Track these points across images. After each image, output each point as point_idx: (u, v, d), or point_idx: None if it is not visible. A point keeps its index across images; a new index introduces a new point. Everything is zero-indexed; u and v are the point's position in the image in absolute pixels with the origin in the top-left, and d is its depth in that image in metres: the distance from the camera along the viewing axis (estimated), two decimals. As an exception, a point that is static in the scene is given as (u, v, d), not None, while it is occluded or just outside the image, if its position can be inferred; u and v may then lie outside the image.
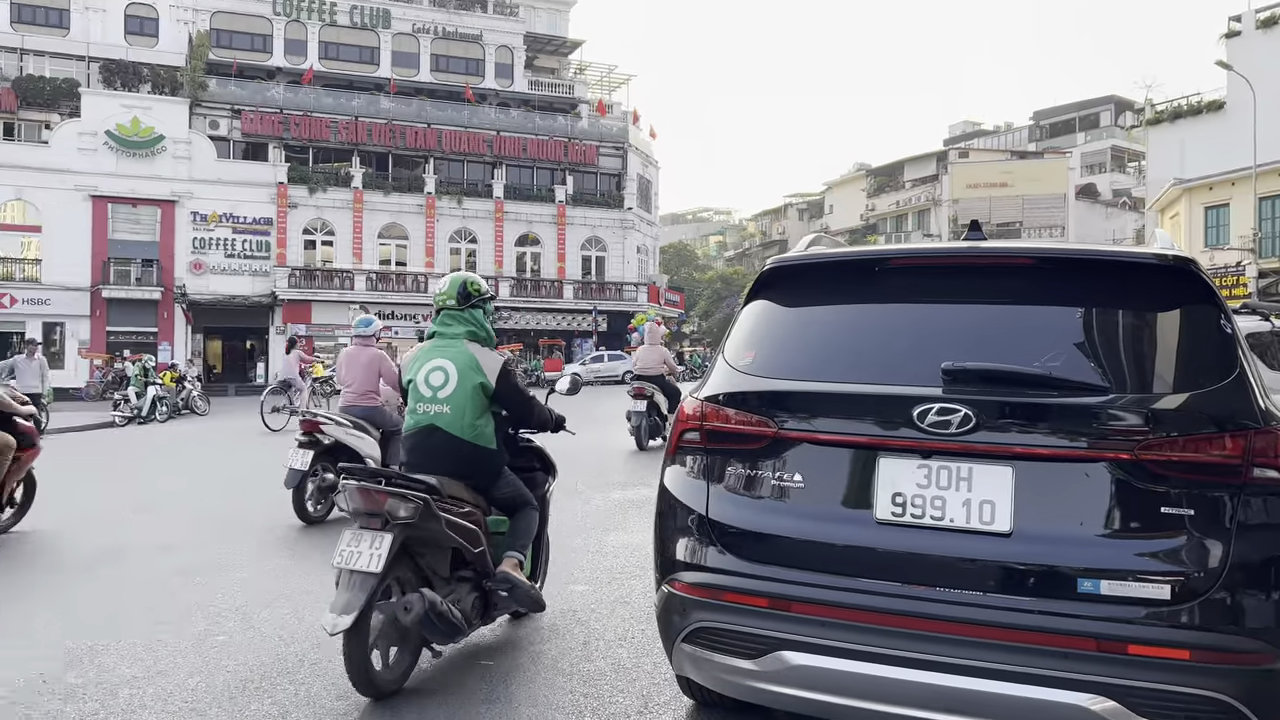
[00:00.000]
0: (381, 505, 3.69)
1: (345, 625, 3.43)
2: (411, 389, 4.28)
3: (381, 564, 3.54)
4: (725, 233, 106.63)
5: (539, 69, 55.67)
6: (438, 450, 4.13)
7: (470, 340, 4.31)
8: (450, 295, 4.35)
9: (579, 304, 47.08)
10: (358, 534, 3.65)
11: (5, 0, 42.54)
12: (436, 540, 3.85)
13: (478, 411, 4.19)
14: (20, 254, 39.18)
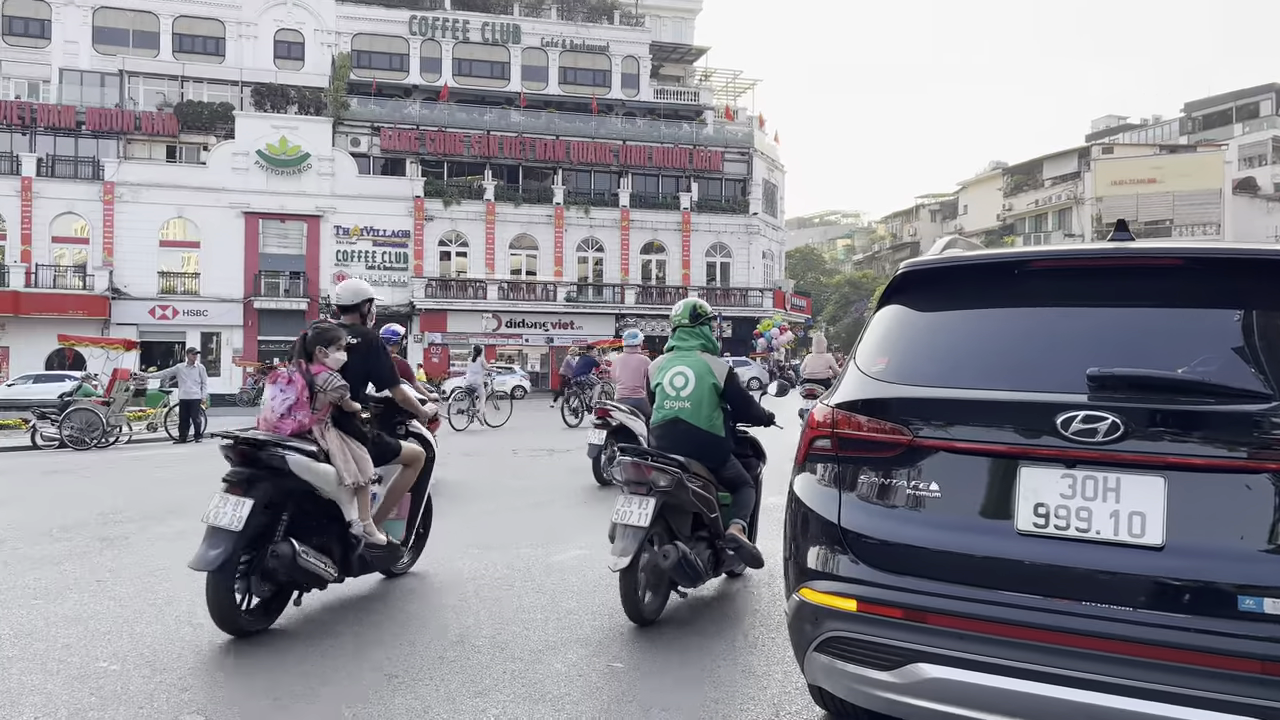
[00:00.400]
0: (647, 475, 4.79)
1: (623, 565, 4.56)
2: (659, 390, 5.35)
3: (647, 520, 4.62)
4: (853, 236, 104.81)
5: (664, 77, 56.04)
6: (681, 437, 5.14)
7: (702, 351, 5.42)
8: (684, 316, 5.51)
9: (705, 310, 47.09)
10: (629, 498, 4.77)
11: (168, 32, 45.65)
12: (684, 506, 4.89)
13: (712, 407, 5.20)
14: (181, 268, 41.87)
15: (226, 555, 4.41)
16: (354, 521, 5.08)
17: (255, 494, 4.56)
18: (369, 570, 5.37)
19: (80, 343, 25.24)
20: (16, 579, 5.92)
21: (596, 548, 6.77)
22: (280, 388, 4.99)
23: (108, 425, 17.73)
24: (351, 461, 5.01)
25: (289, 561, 4.57)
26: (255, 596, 4.67)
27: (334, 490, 4.94)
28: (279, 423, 4.92)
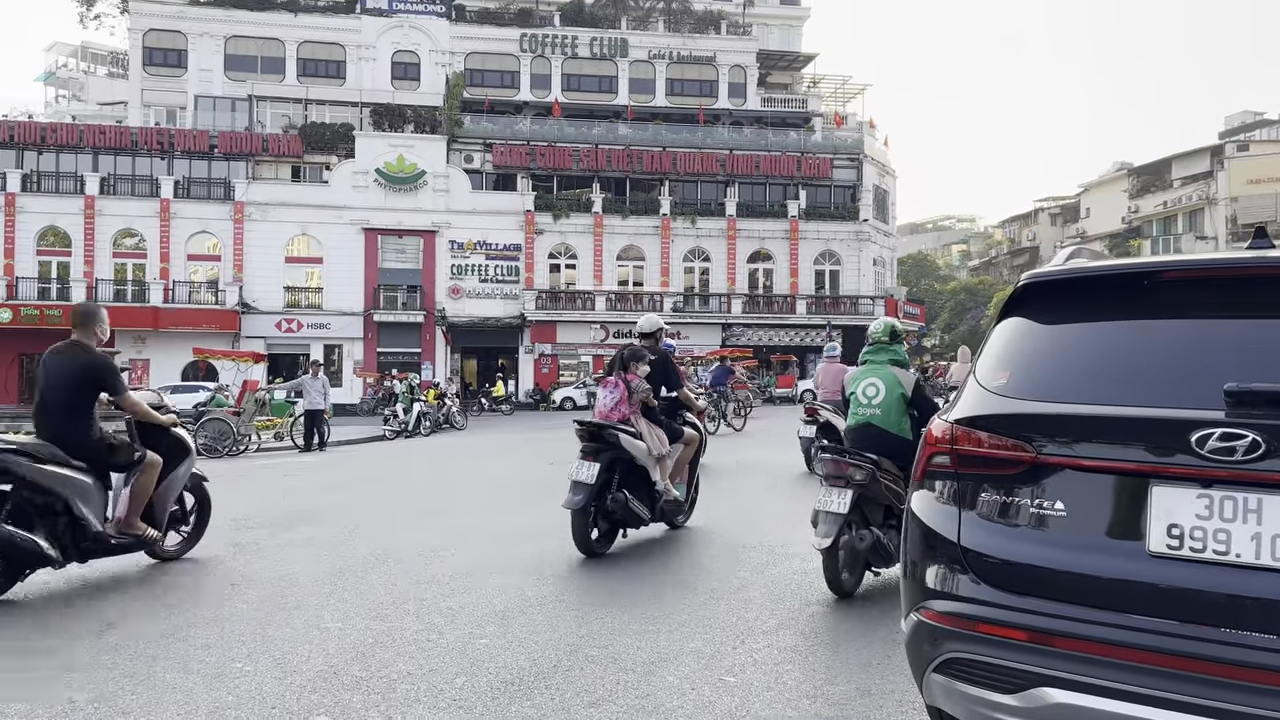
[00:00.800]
0: (844, 470, 5.57)
1: (825, 545, 5.42)
2: (853, 398, 6.17)
3: (845, 508, 5.42)
4: (969, 241, 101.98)
5: (772, 85, 55.78)
6: (872, 439, 5.87)
7: (892, 364, 6.19)
8: (884, 334, 6.39)
9: (812, 319, 46.54)
10: (829, 489, 5.59)
11: (293, 57, 47.85)
12: (877, 497, 5.63)
13: (900, 414, 5.93)
14: (305, 283, 43.69)
15: (585, 500, 6.77)
16: (658, 481, 7.35)
17: (600, 460, 6.92)
18: (667, 518, 7.74)
19: (213, 355, 26.60)
20: (159, 581, 6.27)
21: (707, 559, 6.77)
22: (609, 390, 7.38)
23: (238, 434, 18.62)
24: (655, 439, 7.31)
25: (623, 505, 6.94)
26: (597, 530, 7.03)
27: (645, 459, 7.21)
28: (609, 413, 7.28)
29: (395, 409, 25.30)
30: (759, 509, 9.25)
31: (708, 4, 55.50)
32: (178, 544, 7.06)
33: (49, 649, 4.72)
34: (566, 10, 52.85)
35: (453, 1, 50.49)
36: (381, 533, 8.25)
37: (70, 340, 6.18)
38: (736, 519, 8.57)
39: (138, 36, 47.67)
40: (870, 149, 50.50)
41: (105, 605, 5.60)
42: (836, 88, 58.81)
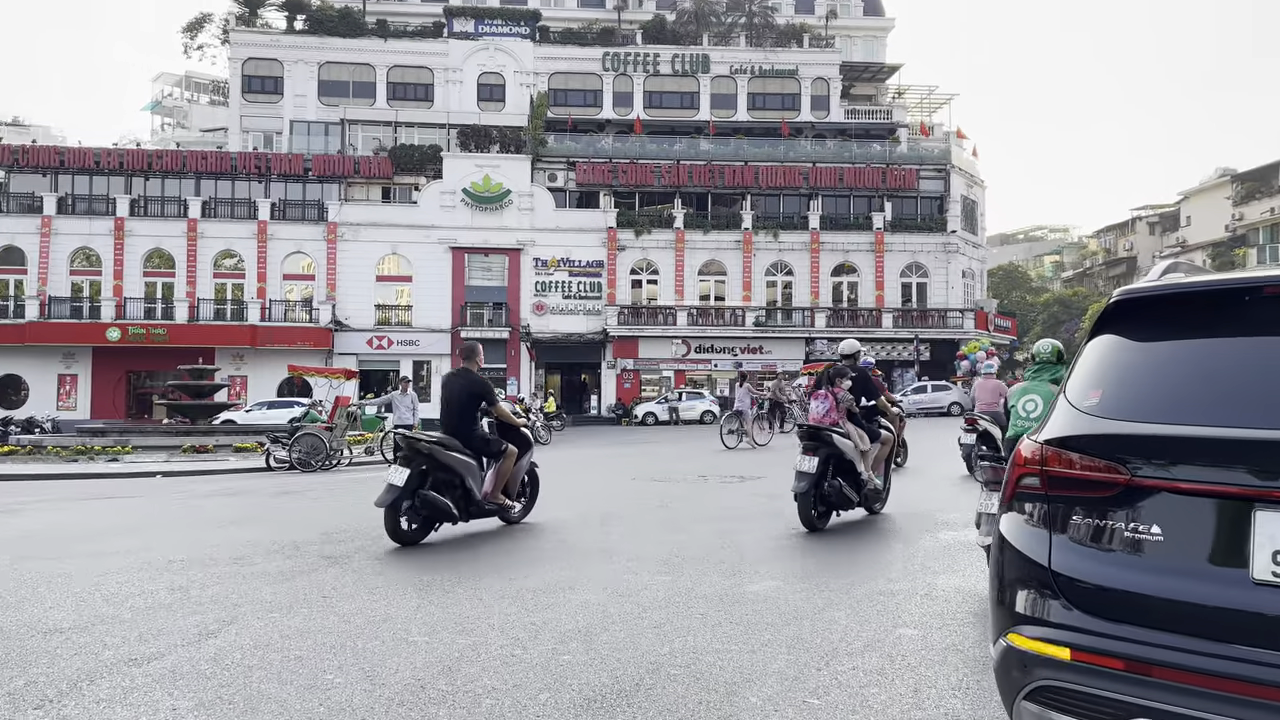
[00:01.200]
0: (1001, 476, 5.81)
1: (987, 543, 5.55)
2: (1013, 411, 6.84)
3: None
4: (1062, 251, 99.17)
5: (855, 97, 55.26)
6: None
7: (1052, 382, 6.72)
8: (1050, 354, 7.18)
9: (899, 333, 45.78)
10: (989, 493, 6.02)
11: (383, 81, 49.30)
12: None
13: None
14: (395, 301, 44.79)
15: (808, 486, 8.68)
16: (862, 471, 9.15)
17: (819, 455, 8.77)
18: (868, 504, 9.56)
19: (307, 372, 27.43)
20: (255, 593, 6.48)
21: (789, 578, 6.70)
22: (820, 401, 9.25)
23: (330, 449, 19.13)
24: (858, 438, 9.24)
25: (838, 490, 8.87)
26: (815, 511, 8.87)
27: (853, 453, 9.06)
28: (821, 419, 9.15)
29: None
30: (934, 499, 9.13)
31: (790, 18, 55.34)
32: (519, 511, 9.74)
33: (153, 656, 4.91)
34: (648, 28, 53.27)
35: (537, 23, 51.37)
36: (466, 547, 8.38)
37: (461, 368, 9.39)
38: (909, 512, 8.47)
39: (237, 65, 49.70)
40: (957, 159, 49.58)
41: (205, 615, 5.80)
42: (922, 98, 57.94)
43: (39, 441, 24.13)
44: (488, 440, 9.16)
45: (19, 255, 43.01)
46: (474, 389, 9.10)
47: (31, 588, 6.73)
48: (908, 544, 8.12)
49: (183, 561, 7.72)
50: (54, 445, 22.98)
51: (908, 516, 9.73)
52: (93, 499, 14.07)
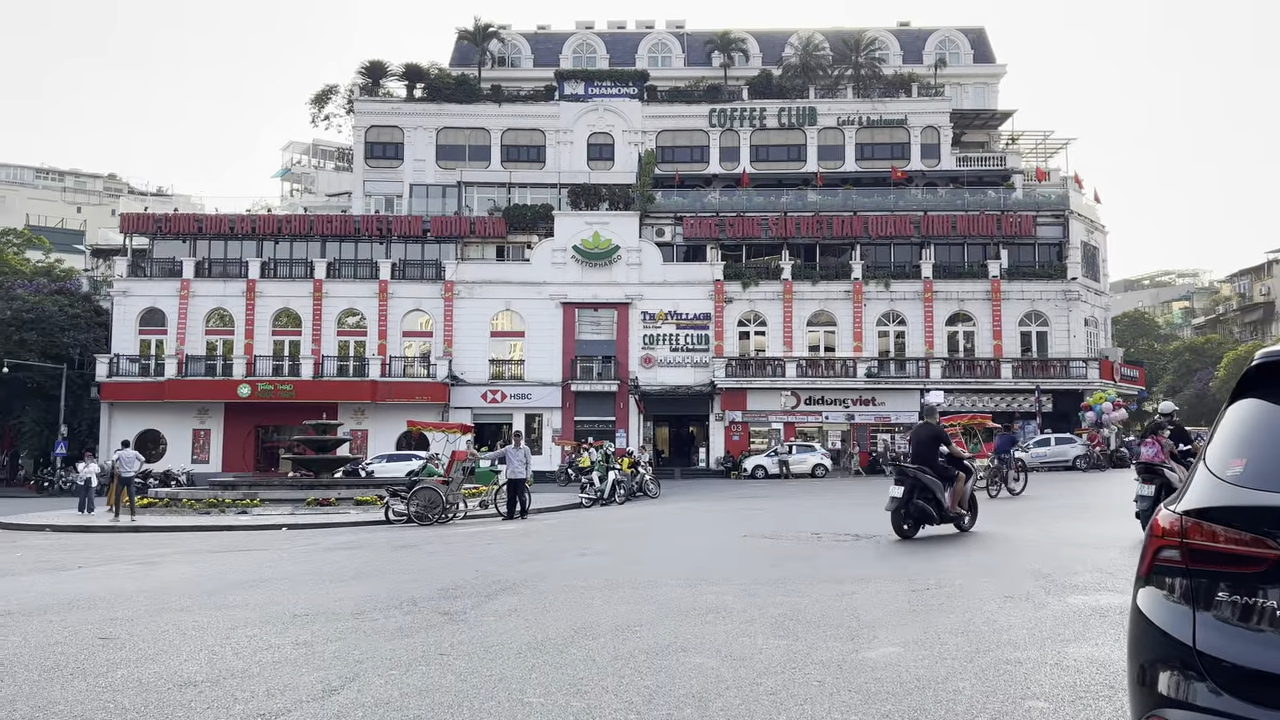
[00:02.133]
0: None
1: None
2: None
3: None
4: (1191, 297, 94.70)
5: (966, 144, 54.43)
6: None
7: None
8: None
9: (1019, 383, 44.27)
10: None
11: (497, 145, 51.06)
12: None
13: None
14: (508, 356, 45.81)
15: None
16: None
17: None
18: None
19: (425, 427, 28.18)
20: (376, 649, 6.63)
21: (909, 644, 6.47)
22: (1149, 446, 12.21)
23: (447, 502, 19.53)
24: (1180, 474, 10.60)
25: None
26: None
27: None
28: (1153, 459, 12.09)
29: (591, 477, 25.87)
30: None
31: (897, 68, 55.06)
32: (968, 520, 13.24)
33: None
34: (754, 84, 53.74)
35: (644, 83, 52.46)
36: (578, 605, 8.40)
37: (925, 421, 13.71)
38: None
39: (361, 132, 52.20)
40: (1076, 204, 48.13)
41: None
42: (1037, 144, 56.66)
43: (175, 494, 25.38)
44: (945, 469, 12.85)
45: (160, 317, 45.71)
46: (935, 434, 13.18)
47: (169, 640, 7.04)
48: (1035, 608, 7.77)
49: (307, 616, 7.96)
50: (188, 498, 24.12)
51: (1033, 577, 9.32)
52: (224, 551, 14.69)
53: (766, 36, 58.36)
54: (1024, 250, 47.33)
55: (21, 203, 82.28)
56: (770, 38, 58.20)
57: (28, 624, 7.99)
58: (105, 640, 7.17)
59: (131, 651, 6.76)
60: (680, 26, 60.64)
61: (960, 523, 13.11)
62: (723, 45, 55.23)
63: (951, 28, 59.11)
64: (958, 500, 12.93)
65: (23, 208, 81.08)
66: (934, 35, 58.42)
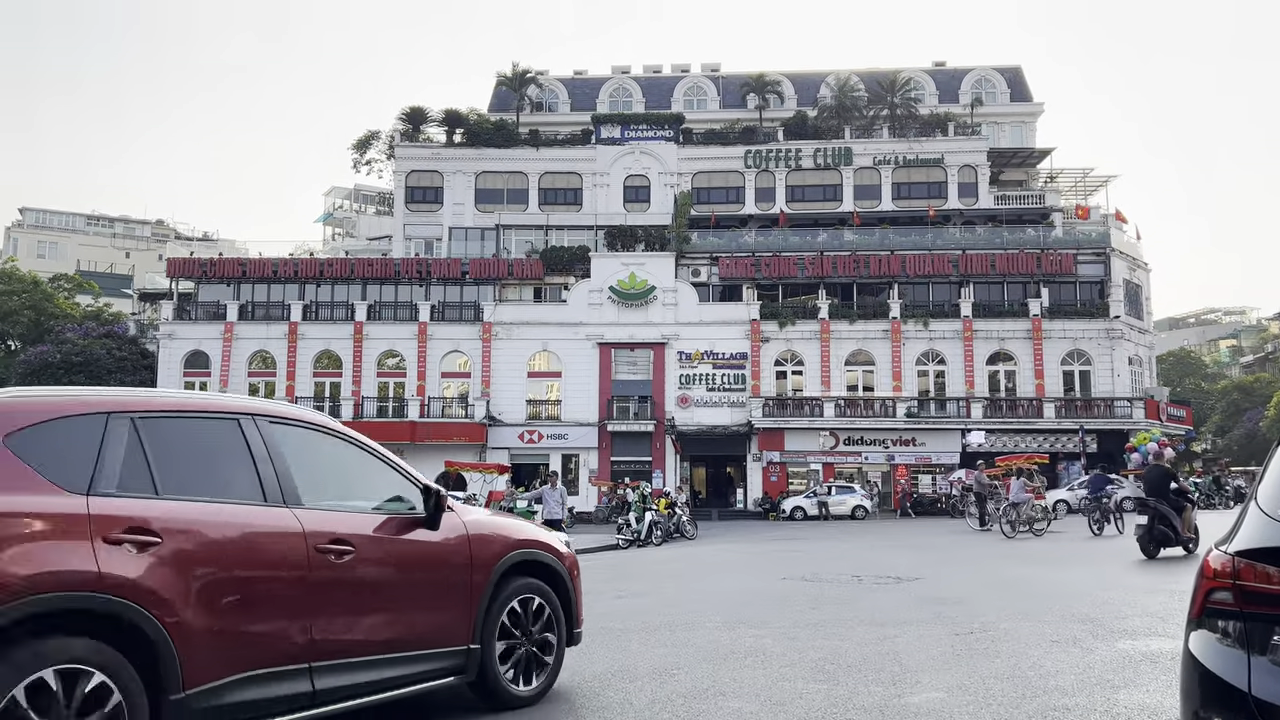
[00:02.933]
0: None
1: None
2: None
3: None
4: (1239, 335, 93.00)
5: (1004, 183, 54.22)
6: None
7: None
8: None
9: (1062, 423, 43.55)
10: None
11: (535, 188, 51.77)
12: None
13: None
14: (545, 396, 45.96)
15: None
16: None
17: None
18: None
19: (463, 467, 28.30)
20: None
21: (953, 689, 6.33)
22: None
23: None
24: None
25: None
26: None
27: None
28: None
29: (628, 518, 25.74)
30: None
31: (933, 108, 55.11)
32: (1192, 544, 15.20)
33: None
34: (789, 125, 54.02)
35: (680, 125, 52.96)
36: (615, 647, 8.32)
37: (1157, 464, 17.68)
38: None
39: (401, 177, 53.13)
40: (1118, 242, 47.61)
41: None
42: (1076, 181, 56.28)
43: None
44: (1176, 501, 15.22)
45: (204, 359, 46.49)
46: (1166, 474, 16.10)
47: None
48: (1084, 653, 7.57)
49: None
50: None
51: (1080, 621, 9.10)
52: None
53: (801, 78, 58.75)
54: (1065, 288, 46.81)
55: (73, 249, 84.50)
56: (805, 79, 58.57)
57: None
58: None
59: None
60: (715, 70, 61.26)
61: (1188, 546, 15.10)
62: (757, 87, 55.65)
63: (988, 67, 59.16)
64: (1187, 527, 15.22)
65: (74, 253, 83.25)
66: (970, 75, 58.48)
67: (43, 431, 3.94)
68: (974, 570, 14.70)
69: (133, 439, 4.16)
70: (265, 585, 4.41)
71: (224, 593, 4.19)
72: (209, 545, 4.22)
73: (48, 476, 3.83)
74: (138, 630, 3.81)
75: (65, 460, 3.92)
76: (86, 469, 3.96)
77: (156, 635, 3.85)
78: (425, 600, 5.22)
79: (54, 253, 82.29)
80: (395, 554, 5.09)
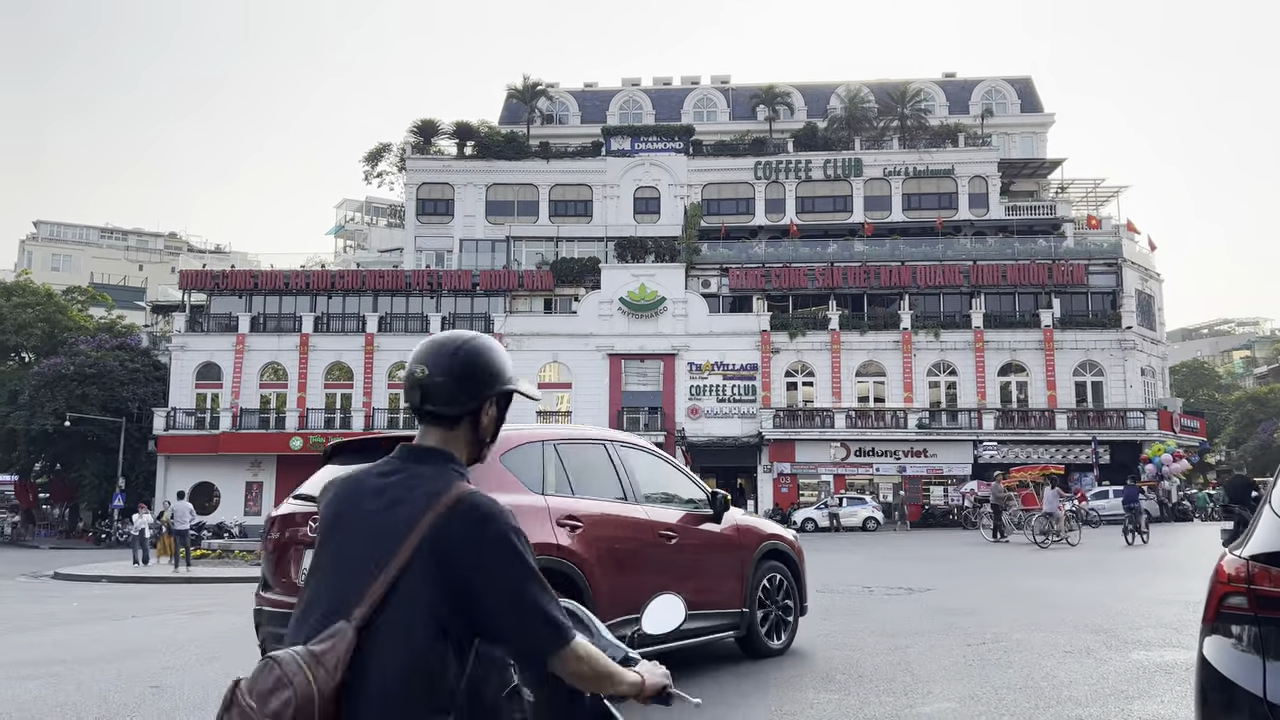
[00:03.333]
0: None
1: None
2: None
3: None
4: (1253, 346, 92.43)
5: (1015, 193, 54.13)
6: None
7: None
8: None
9: (1074, 434, 43.30)
10: None
11: (545, 200, 51.88)
12: None
13: None
14: (555, 407, 45.95)
15: None
16: None
17: None
18: None
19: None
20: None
21: (964, 699, 6.27)
22: None
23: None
24: None
25: None
26: None
27: None
28: None
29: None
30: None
31: (943, 119, 55.10)
32: None
33: None
34: (799, 136, 54.06)
35: (690, 137, 53.05)
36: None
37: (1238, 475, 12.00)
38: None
39: (412, 189, 53.34)
40: (1130, 252, 47.45)
41: None
42: (1088, 192, 56.14)
43: (227, 546, 25.70)
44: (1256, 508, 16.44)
45: (216, 371, 46.66)
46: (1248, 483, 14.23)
47: (218, 689, 7.06)
48: (1097, 663, 7.51)
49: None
50: (240, 550, 24.42)
51: (1093, 632, 9.03)
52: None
53: (811, 90, 58.83)
54: (1076, 299, 46.62)
55: (87, 261, 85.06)
56: (815, 91, 58.65)
57: (82, 672, 8.08)
58: (156, 689, 7.22)
59: (181, 700, 6.79)
60: (725, 82, 61.40)
61: None
62: (767, 99, 55.74)
63: (998, 78, 59.15)
64: None
65: (88, 266, 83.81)
66: (980, 86, 58.47)
67: (516, 454, 5.99)
68: (986, 581, 14.61)
69: (556, 458, 6.28)
70: (634, 556, 6.50)
71: (614, 560, 6.22)
72: (606, 529, 6.29)
73: (523, 482, 5.89)
74: (572, 583, 5.75)
75: (528, 472, 5.99)
76: (539, 478, 6.05)
77: (584, 586, 5.84)
78: (718, 573, 7.30)
79: (68, 265, 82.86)
80: (699, 539, 7.18)
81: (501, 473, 5.71)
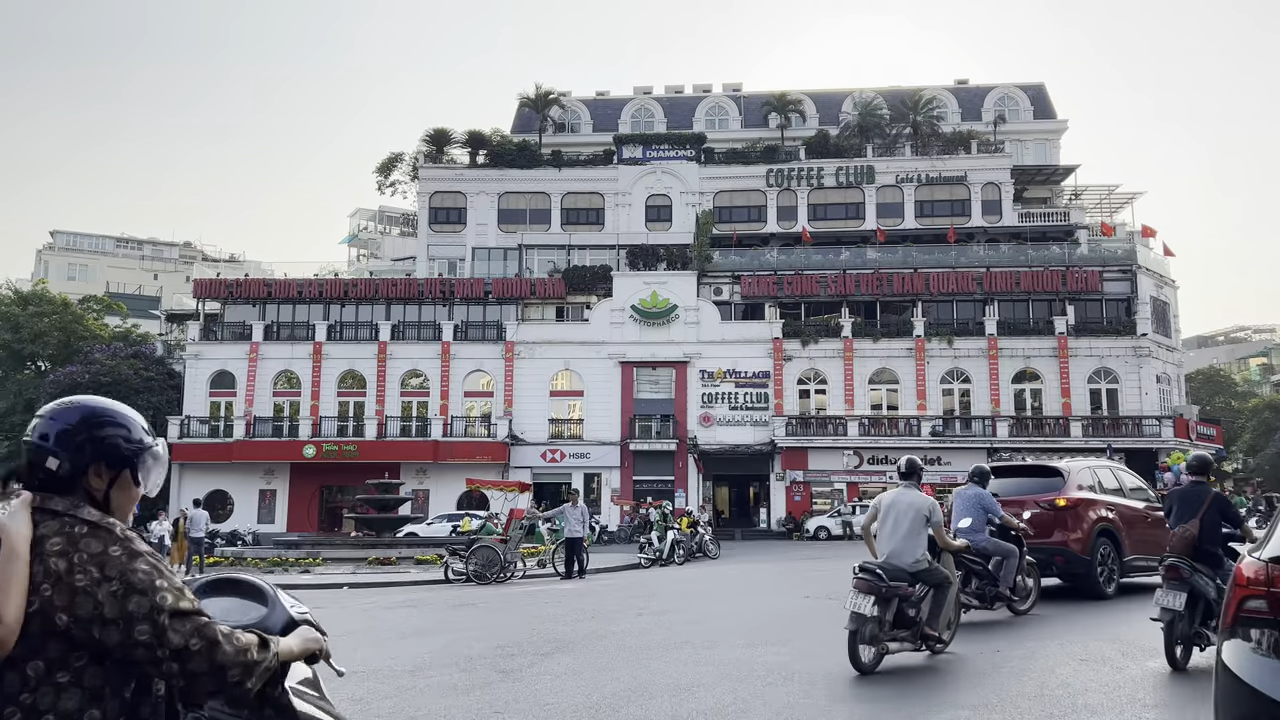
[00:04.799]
0: None
1: None
2: None
3: None
4: (1270, 353, 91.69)
5: (1029, 200, 53.93)
6: None
7: None
8: None
9: (1090, 442, 42.94)
10: None
11: (557, 208, 51.98)
12: None
13: None
14: (567, 415, 45.95)
15: None
16: None
17: None
18: None
19: (485, 485, 28.28)
20: (430, 705, 6.55)
21: (980, 708, 6.21)
22: None
23: (505, 561, 19.47)
24: None
25: None
26: None
27: None
28: None
29: (650, 536, 25.60)
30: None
31: (956, 126, 54.94)
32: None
33: None
34: (811, 143, 53.99)
35: (702, 145, 53.08)
36: (636, 664, 8.25)
37: None
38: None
39: (425, 198, 53.52)
40: (1145, 259, 47.13)
41: None
42: (1101, 198, 55.87)
43: (240, 554, 25.76)
44: None
45: (230, 379, 46.84)
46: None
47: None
48: (1113, 671, 7.42)
49: (363, 672, 7.93)
50: (253, 557, 24.46)
51: (1109, 641, 8.92)
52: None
53: (823, 97, 58.77)
54: (1091, 306, 46.34)
55: (102, 270, 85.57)
56: (827, 98, 58.59)
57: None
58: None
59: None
60: (737, 89, 61.41)
61: None
62: (779, 107, 55.70)
63: (1010, 85, 58.95)
64: None
65: (104, 275, 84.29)
66: (993, 93, 58.29)
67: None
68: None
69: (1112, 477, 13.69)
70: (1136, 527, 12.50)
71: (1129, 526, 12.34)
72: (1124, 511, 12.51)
73: None
74: (1114, 538, 12.19)
75: None
76: None
77: (1119, 539, 12.19)
78: None
79: (84, 274, 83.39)
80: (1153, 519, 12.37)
81: None
